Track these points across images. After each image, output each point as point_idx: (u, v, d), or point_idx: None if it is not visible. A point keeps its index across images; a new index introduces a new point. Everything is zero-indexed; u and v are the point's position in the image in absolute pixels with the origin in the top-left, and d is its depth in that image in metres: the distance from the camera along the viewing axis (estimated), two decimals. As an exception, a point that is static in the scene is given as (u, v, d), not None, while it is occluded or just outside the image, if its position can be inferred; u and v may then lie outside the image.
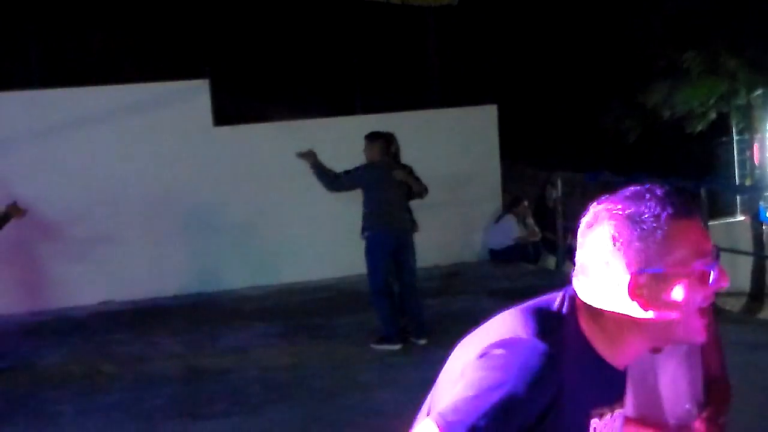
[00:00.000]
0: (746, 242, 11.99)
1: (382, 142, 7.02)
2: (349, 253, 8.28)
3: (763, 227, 12.15)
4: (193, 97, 9.46)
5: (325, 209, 9.29)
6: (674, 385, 2.32)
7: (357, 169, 7.01)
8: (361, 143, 7.17)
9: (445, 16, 11.41)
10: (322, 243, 9.65)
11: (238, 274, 9.43)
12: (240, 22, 12.86)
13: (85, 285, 8.94)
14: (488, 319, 1.54)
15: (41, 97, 9.10)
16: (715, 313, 2.43)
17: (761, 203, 12.32)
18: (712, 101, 11.73)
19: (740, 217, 13.14)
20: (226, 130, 9.64)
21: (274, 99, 12.27)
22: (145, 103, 9.32)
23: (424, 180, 7.28)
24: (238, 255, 9.45)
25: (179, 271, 9.26)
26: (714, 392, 2.36)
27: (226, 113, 9.84)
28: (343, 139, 8.71)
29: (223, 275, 9.40)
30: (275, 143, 9.31)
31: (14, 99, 9.00)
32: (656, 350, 1.54)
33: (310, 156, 7.01)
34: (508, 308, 1.56)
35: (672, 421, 2.25)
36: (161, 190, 9.24)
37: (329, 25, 12.91)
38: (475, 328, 1.53)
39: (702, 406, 2.30)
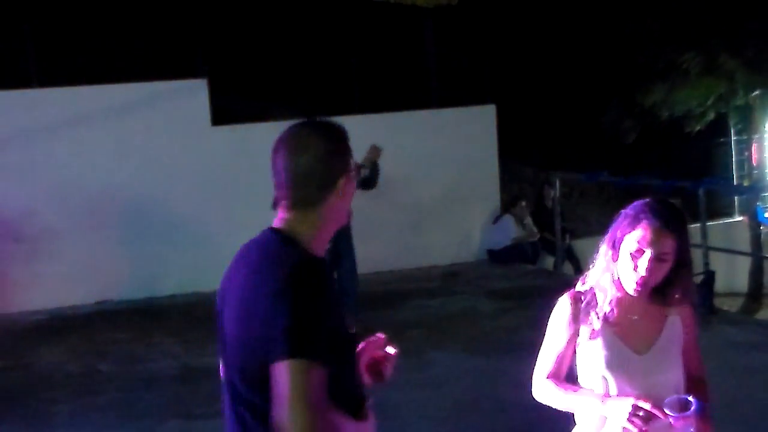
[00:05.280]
0: (744, 243, 12.00)
1: None
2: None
3: (761, 228, 12.16)
4: (191, 96, 9.44)
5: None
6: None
7: None
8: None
9: (443, 15, 11.40)
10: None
11: (236, 274, 9.38)
12: (238, 22, 12.85)
13: (82, 284, 8.93)
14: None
15: (39, 96, 9.07)
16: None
17: (759, 204, 12.34)
18: (710, 102, 11.75)
19: (738, 218, 13.14)
20: (224, 129, 9.62)
21: (273, 98, 12.25)
22: (143, 102, 9.30)
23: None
24: (237, 254, 9.40)
25: (177, 270, 9.24)
26: (695, 391, 2.40)
27: (224, 112, 9.82)
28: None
29: (221, 274, 9.34)
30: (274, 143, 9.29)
31: (12, 98, 8.98)
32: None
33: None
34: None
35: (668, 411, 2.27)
36: (159, 189, 9.22)
37: (328, 24, 12.91)
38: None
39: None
